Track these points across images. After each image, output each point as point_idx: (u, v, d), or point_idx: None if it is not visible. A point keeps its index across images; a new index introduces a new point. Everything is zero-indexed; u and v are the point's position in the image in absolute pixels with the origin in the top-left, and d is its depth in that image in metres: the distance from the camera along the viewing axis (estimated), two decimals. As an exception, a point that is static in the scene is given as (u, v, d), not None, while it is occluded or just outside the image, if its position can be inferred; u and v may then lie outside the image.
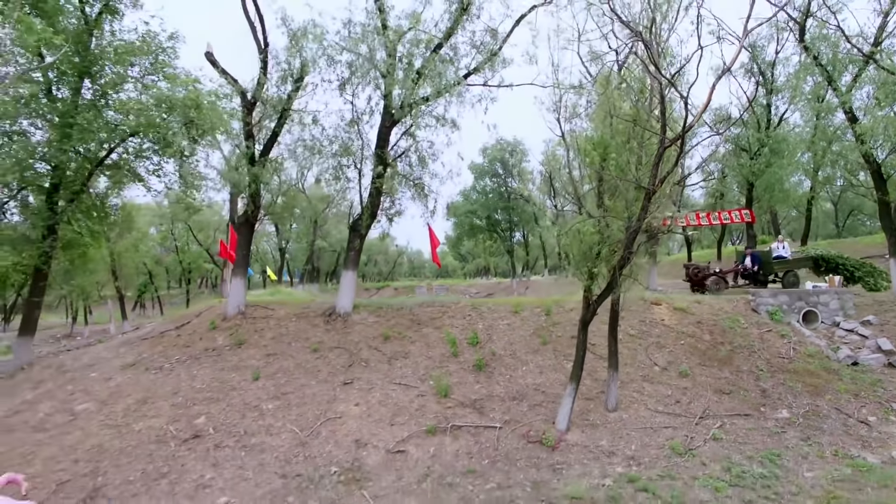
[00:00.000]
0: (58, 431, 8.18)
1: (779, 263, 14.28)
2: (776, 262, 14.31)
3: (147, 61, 12.97)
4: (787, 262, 14.31)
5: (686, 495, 6.11)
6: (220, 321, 11.14)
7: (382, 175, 10.67)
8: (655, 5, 6.61)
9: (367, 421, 7.95)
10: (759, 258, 14.58)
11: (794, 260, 14.55)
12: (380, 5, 10.72)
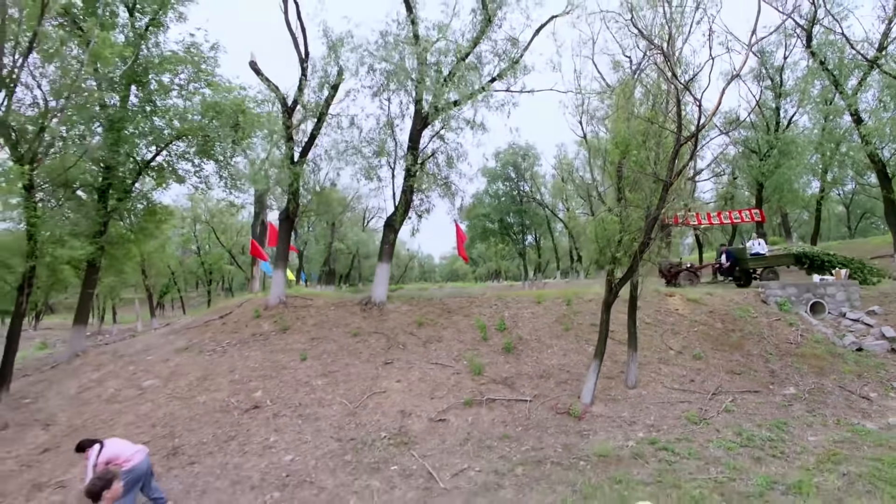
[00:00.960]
0: (130, 403, 9.17)
1: (754, 260, 15.02)
2: (752, 258, 15.07)
3: (190, 70, 14.08)
4: (764, 258, 15.01)
5: (701, 453, 6.94)
6: (263, 310, 12.12)
7: (414, 174, 11.65)
8: (671, 19, 7.53)
9: (409, 395, 8.85)
10: (732, 255, 15.44)
11: (772, 256, 15.25)
12: (412, 18, 11.73)
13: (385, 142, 11.80)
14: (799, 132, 20.69)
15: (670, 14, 7.23)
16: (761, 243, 15.37)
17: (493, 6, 12.35)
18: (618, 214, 8.01)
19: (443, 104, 11.64)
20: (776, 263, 15.10)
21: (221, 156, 14.46)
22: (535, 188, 38.11)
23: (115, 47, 10.20)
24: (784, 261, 15.22)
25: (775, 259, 15.14)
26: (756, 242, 15.38)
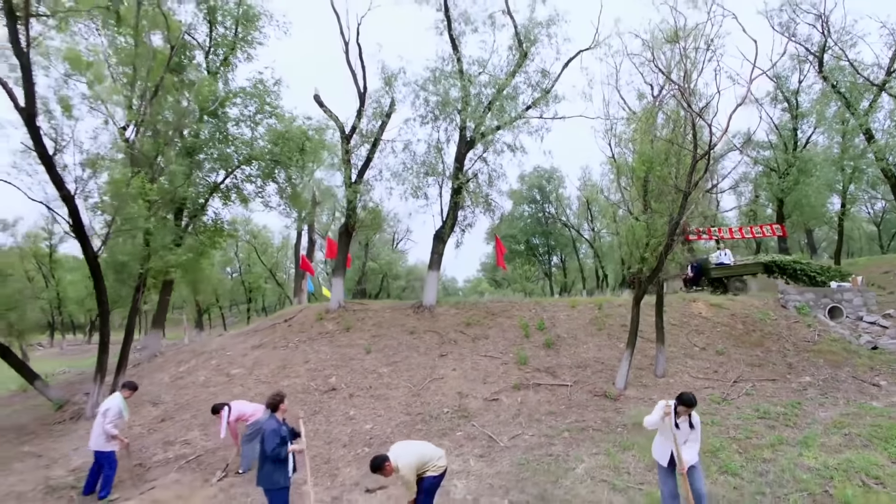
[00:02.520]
0: (222, 387, 10.84)
1: (719, 269, 16.25)
2: (717, 268, 16.28)
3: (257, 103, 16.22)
4: (729, 267, 16.22)
5: (723, 422, 8.22)
6: (325, 313, 13.81)
7: (460, 192, 13.38)
8: (685, 56, 9.19)
9: (464, 380, 10.33)
10: (698, 267, 16.77)
11: (738, 266, 16.44)
12: (457, 56, 13.67)
13: (434, 164, 13.59)
14: (816, 151, 21.91)
15: (684, 52, 8.88)
16: (727, 254, 16.69)
17: (528, 44, 14.23)
18: (645, 222, 9.52)
19: (484, 130, 13.42)
20: (742, 272, 16.29)
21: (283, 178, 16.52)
22: (561, 209, 39.65)
23: (212, 87, 12.32)
24: (751, 269, 16.38)
25: (742, 268, 16.34)
26: (722, 253, 16.71)
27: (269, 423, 5.09)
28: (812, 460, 6.49)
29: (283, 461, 5.03)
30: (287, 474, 5.08)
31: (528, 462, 7.06)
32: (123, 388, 7.31)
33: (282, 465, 5.03)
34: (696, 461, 4.89)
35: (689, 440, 4.89)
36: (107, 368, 10.76)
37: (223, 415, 7.55)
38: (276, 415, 5.20)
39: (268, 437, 4.94)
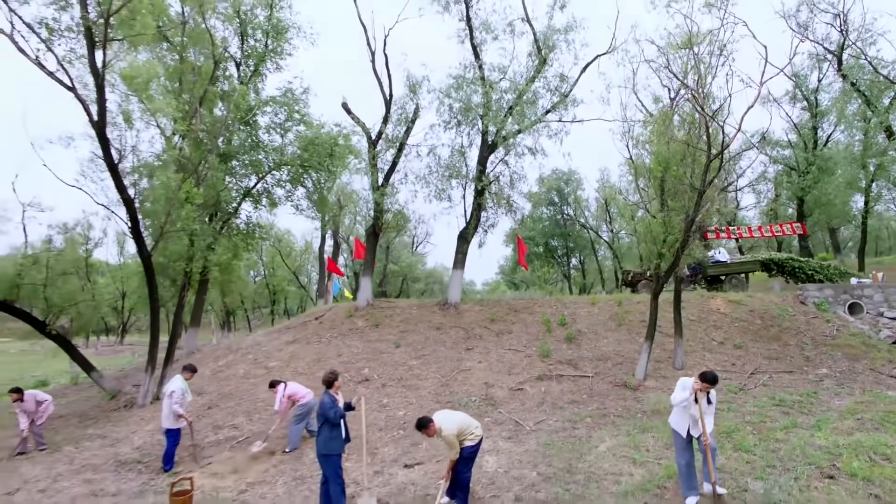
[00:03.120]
0: (261, 378, 11.62)
1: (715, 267, 16.71)
2: (713, 265, 16.76)
3: (286, 111, 17.11)
4: (726, 265, 16.68)
5: (739, 409, 8.67)
6: (354, 311, 14.55)
7: (483, 194, 14.02)
8: (700, 61, 9.71)
9: (490, 372, 10.93)
10: (694, 265, 17.11)
11: (735, 263, 16.90)
12: (479, 63, 14.35)
13: (458, 167, 14.27)
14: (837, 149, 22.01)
15: (698, 58, 9.41)
16: (722, 252, 17.31)
17: (546, 50, 14.83)
18: (661, 219, 10.04)
19: (505, 133, 14.06)
20: (739, 270, 16.74)
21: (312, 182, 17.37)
22: (579, 211, 40.00)
23: (247, 97, 13.21)
24: (748, 267, 16.82)
25: (738, 266, 16.78)
26: (717, 252, 17.24)
27: (325, 397, 5.77)
28: (823, 440, 6.93)
29: (338, 431, 5.71)
30: (341, 442, 5.76)
31: (553, 442, 7.64)
32: (184, 371, 8.13)
33: (337, 434, 5.71)
34: (710, 429, 5.42)
35: (707, 413, 5.43)
36: (157, 361, 11.64)
37: (279, 389, 8.36)
38: (330, 391, 5.88)
39: (326, 407, 5.63)
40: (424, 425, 5.39)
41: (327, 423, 5.64)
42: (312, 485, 6.77)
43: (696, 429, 5.42)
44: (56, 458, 8.35)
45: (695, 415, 5.36)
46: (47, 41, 8.34)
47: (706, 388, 5.34)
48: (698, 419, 5.33)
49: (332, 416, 5.60)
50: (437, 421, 5.48)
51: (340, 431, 5.74)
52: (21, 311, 10.81)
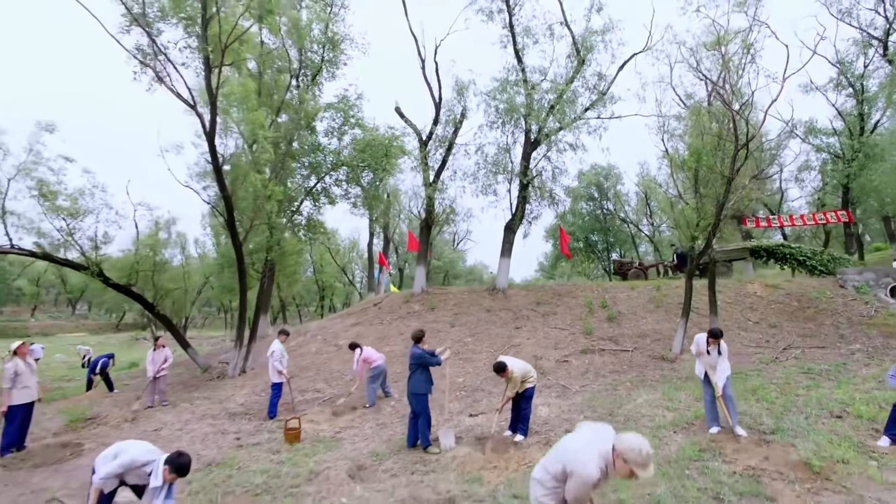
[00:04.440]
0: (333, 354, 13.36)
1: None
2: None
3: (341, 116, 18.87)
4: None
5: (769, 376, 9.67)
6: (410, 297, 16.15)
7: (527, 188, 15.34)
8: (729, 60, 10.74)
9: (538, 346, 12.26)
10: (682, 253, 17.88)
11: (722, 251, 17.53)
12: (522, 67, 15.67)
13: (503, 163, 15.64)
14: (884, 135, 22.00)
15: (726, 58, 10.46)
16: None
17: (584, 51, 15.99)
18: (694, 206, 11.13)
19: (547, 131, 15.32)
20: (727, 258, 17.35)
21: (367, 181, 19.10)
22: (619, 206, 40.50)
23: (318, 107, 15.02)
24: (736, 255, 17.38)
25: (725, 254, 17.39)
26: None
27: (417, 350, 7.26)
28: (840, 395, 7.92)
29: (428, 375, 7.22)
30: (430, 385, 7.25)
31: (596, 397, 8.93)
32: (280, 335, 9.89)
33: (427, 377, 7.21)
34: (726, 375, 6.61)
35: (719, 361, 6.64)
36: (244, 338, 13.55)
37: (356, 353, 9.99)
38: (418, 345, 7.38)
39: (425, 356, 7.14)
40: (502, 368, 6.82)
41: (420, 368, 7.14)
42: (392, 429, 8.32)
43: (712, 375, 6.66)
44: (179, 409, 10.25)
45: (709, 363, 6.62)
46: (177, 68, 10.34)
47: (714, 342, 6.57)
48: (713, 367, 6.59)
49: (433, 362, 7.12)
50: (509, 365, 6.90)
51: (430, 376, 7.25)
52: (137, 294, 12.91)
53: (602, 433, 3.06)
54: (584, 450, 2.88)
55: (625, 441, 2.80)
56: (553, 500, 2.97)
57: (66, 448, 8.10)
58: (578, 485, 2.79)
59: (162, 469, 4.06)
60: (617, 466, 2.81)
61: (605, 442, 2.93)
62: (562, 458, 2.93)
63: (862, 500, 4.60)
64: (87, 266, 11.90)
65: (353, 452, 7.15)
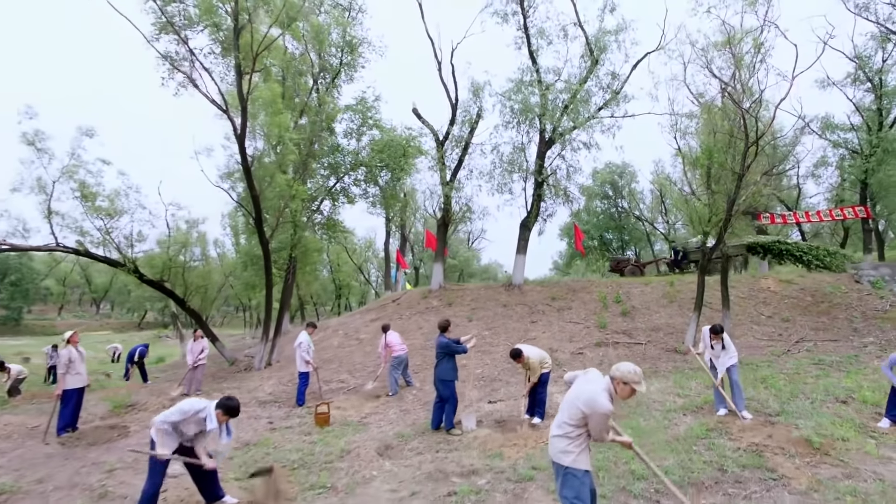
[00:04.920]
0: (355, 347, 13.92)
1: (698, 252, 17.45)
2: (696, 251, 17.76)
3: (360, 118, 19.43)
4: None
5: (779, 367, 9.96)
6: (428, 293, 16.67)
7: (542, 186, 15.75)
8: (741, 59, 11.05)
9: (553, 340, 12.68)
10: (679, 250, 18.90)
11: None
12: (536, 68, 16.08)
13: (518, 162, 16.08)
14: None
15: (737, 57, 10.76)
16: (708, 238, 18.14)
17: (598, 52, 16.34)
18: (705, 203, 11.45)
19: (561, 130, 15.71)
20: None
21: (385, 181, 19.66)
22: (634, 204, 40.58)
23: (337, 108, 15.61)
24: (733, 251, 17.42)
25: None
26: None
27: (442, 338, 7.75)
28: (848, 383, 8.24)
29: (454, 363, 7.71)
30: (456, 372, 7.73)
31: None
32: (308, 327, 10.46)
33: (454, 365, 7.70)
34: (731, 363, 7.01)
35: (722, 354, 7.08)
36: (270, 332, 14.19)
37: (382, 336, 10.55)
38: (444, 334, 7.87)
39: (449, 345, 7.62)
40: (518, 354, 7.28)
41: (446, 356, 7.62)
42: (415, 415, 8.82)
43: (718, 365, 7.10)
44: (212, 398, 10.83)
45: (714, 355, 7.07)
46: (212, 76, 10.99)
47: (716, 338, 7.03)
48: (717, 358, 7.04)
49: (459, 350, 7.61)
50: (525, 352, 7.36)
51: (456, 364, 7.74)
52: (169, 289, 13.62)
53: (594, 375, 3.69)
54: (591, 390, 3.42)
55: (621, 368, 3.47)
56: (576, 446, 3.46)
57: (114, 430, 8.76)
58: (598, 418, 3.32)
59: (215, 413, 4.65)
60: (619, 390, 3.42)
61: (601, 378, 3.56)
62: (577, 406, 3.41)
63: (858, 473, 4.96)
64: (123, 263, 12.61)
65: (380, 434, 7.67)
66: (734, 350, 7.16)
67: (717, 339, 7.10)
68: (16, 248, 11.51)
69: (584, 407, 3.36)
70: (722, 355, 7.09)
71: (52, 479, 6.18)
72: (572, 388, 3.70)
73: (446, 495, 5.07)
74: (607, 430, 3.42)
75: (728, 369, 7.04)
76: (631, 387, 3.37)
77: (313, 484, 5.74)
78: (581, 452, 3.50)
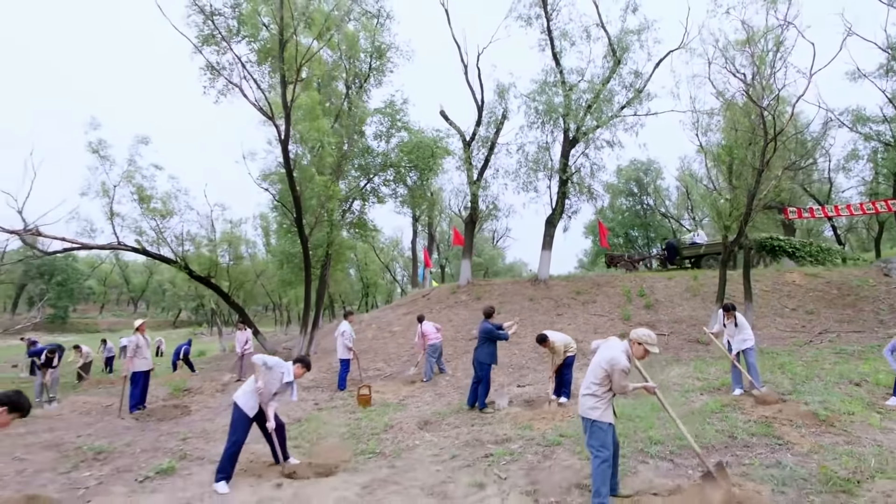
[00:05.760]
0: (389, 339, 14.75)
1: (690, 248, 18.33)
2: (688, 247, 18.44)
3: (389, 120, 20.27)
4: (700, 247, 18.27)
5: (800, 355, 10.34)
6: (457, 288, 17.41)
7: (566, 183, 16.32)
8: (761, 59, 11.45)
9: (578, 331, 13.24)
10: (672, 245, 19.28)
11: (708, 244, 18.30)
12: (560, 70, 16.65)
13: (543, 161, 16.68)
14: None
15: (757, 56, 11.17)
16: (700, 234, 18.73)
17: (620, 51, 16.80)
18: (727, 198, 11.88)
19: (585, 129, 16.24)
20: (714, 251, 17.95)
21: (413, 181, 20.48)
22: (660, 201, 40.54)
23: (367, 112, 16.51)
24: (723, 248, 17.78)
25: (710, 246, 18.12)
26: (695, 235, 18.83)
27: (487, 324, 8.45)
28: (865, 369, 8.62)
29: (495, 347, 8.41)
30: (494, 357, 8.44)
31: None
32: (347, 316, 11.32)
33: (494, 349, 8.41)
34: (748, 346, 7.52)
35: (736, 333, 7.59)
36: (309, 325, 15.14)
37: (418, 327, 11.30)
38: (488, 320, 8.57)
39: (492, 331, 8.32)
40: (543, 339, 7.95)
41: (488, 340, 8.33)
42: (449, 398, 9.55)
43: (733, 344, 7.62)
44: (261, 383, 11.82)
45: (729, 334, 7.60)
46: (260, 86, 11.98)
47: (729, 316, 7.55)
48: (732, 336, 7.56)
49: (501, 336, 8.30)
50: (550, 337, 8.02)
51: (495, 349, 8.45)
52: (215, 285, 14.70)
53: (613, 341, 4.46)
54: (611, 352, 4.16)
55: (637, 331, 4.23)
56: (602, 403, 4.16)
57: (177, 409, 9.76)
58: (618, 374, 4.04)
59: (293, 368, 5.53)
60: (634, 350, 4.16)
61: (620, 342, 4.35)
62: (601, 367, 4.11)
63: (859, 440, 5.48)
64: (175, 260, 13.71)
65: (419, 412, 8.44)
66: (749, 332, 7.65)
67: (729, 316, 7.62)
68: (86, 246, 12.73)
69: (606, 366, 4.05)
70: (736, 334, 7.60)
71: (137, 444, 7.12)
72: (596, 353, 4.39)
73: (483, 457, 5.78)
74: (627, 385, 4.10)
75: (744, 352, 7.54)
76: (644, 347, 4.09)
77: (363, 450, 6.52)
78: (606, 409, 4.19)
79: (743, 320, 7.66)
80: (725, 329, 7.69)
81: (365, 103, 21.26)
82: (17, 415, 3.44)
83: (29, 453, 6.61)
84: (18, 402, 3.42)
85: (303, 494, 5.06)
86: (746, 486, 4.31)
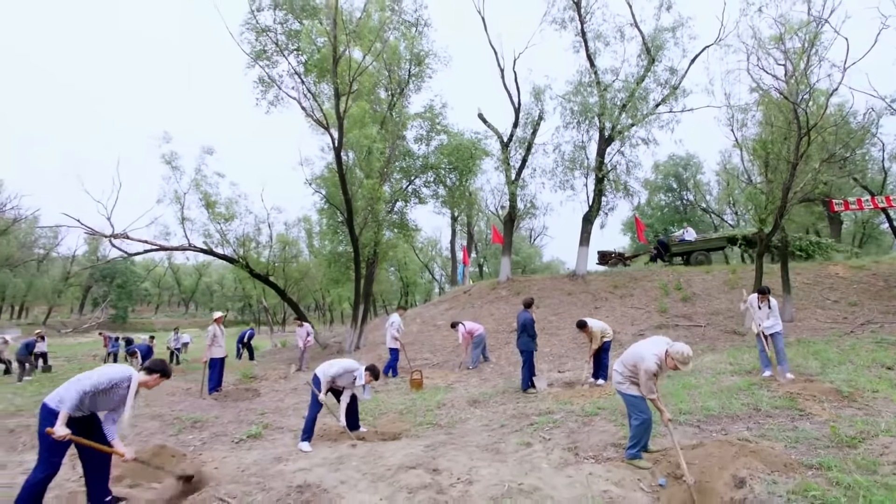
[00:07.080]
0: (433, 332, 15.68)
1: (681, 245, 18.75)
2: (679, 244, 18.84)
3: (429, 124, 21.23)
4: (691, 243, 18.63)
5: (840, 346, 10.61)
6: (497, 284, 18.20)
7: (602, 181, 16.85)
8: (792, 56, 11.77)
9: (615, 323, 13.80)
10: (663, 243, 19.69)
11: (699, 241, 18.82)
12: (594, 70, 17.20)
13: (579, 159, 17.28)
14: None
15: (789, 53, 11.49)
16: (689, 231, 19.11)
17: (655, 49, 17.19)
18: (763, 190, 12.23)
19: (620, 128, 16.73)
20: (704, 247, 18.59)
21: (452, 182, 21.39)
22: (700, 196, 40.06)
23: (408, 117, 17.52)
24: (715, 244, 18.76)
25: (703, 243, 18.67)
26: (685, 232, 18.91)
27: (525, 314, 9.25)
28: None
29: (533, 336, 9.19)
30: (533, 343, 9.22)
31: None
32: (399, 309, 12.30)
33: (532, 338, 9.20)
34: (777, 330, 8.00)
35: (767, 316, 8.07)
36: (359, 319, 16.26)
37: (459, 328, 12.14)
38: (528, 310, 9.37)
39: (525, 327, 9.12)
40: (583, 325, 8.69)
41: (526, 330, 9.12)
42: (494, 382, 10.35)
43: (766, 328, 8.09)
44: (319, 371, 12.97)
45: (760, 316, 8.09)
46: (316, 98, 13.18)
47: (763, 298, 8.03)
48: (763, 319, 8.05)
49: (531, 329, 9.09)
50: (589, 323, 8.74)
51: (536, 337, 9.24)
52: (272, 282, 16.01)
53: (659, 341, 4.87)
54: (646, 352, 4.68)
55: (675, 346, 4.52)
56: (626, 384, 4.87)
57: (249, 392, 10.97)
58: (643, 375, 4.57)
59: (364, 373, 6.42)
60: (667, 362, 4.55)
61: (660, 348, 4.68)
62: (633, 358, 4.79)
63: (879, 413, 5.97)
64: (238, 259, 15.07)
65: (467, 394, 9.30)
66: (779, 317, 8.14)
67: (763, 299, 8.12)
68: (164, 248, 14.25)
69: (636, 361, 4.72)
70: (768, 316, 8.10)
71: (224, 417, 8.27)
72: (637, 344, 5.03)
73: (528, 425, 6.58)
74: (652, 389, 4.57)
75: (773, 336, 8.04)
76: (676, 363, 4.41)
77: (421, 422, 7.43)
78: (631, 385, 4.88)
79: (775, 305, 8.14)
80: (759, 311, 8.16)
81: (405, 108, 22.42)
82: (165, 378, 4.55)
83: (138, 422, 7.83)
84: (165, 370, 4.55)
85: (375, 451, 5.99)
86: (762, 443, 4.96)
